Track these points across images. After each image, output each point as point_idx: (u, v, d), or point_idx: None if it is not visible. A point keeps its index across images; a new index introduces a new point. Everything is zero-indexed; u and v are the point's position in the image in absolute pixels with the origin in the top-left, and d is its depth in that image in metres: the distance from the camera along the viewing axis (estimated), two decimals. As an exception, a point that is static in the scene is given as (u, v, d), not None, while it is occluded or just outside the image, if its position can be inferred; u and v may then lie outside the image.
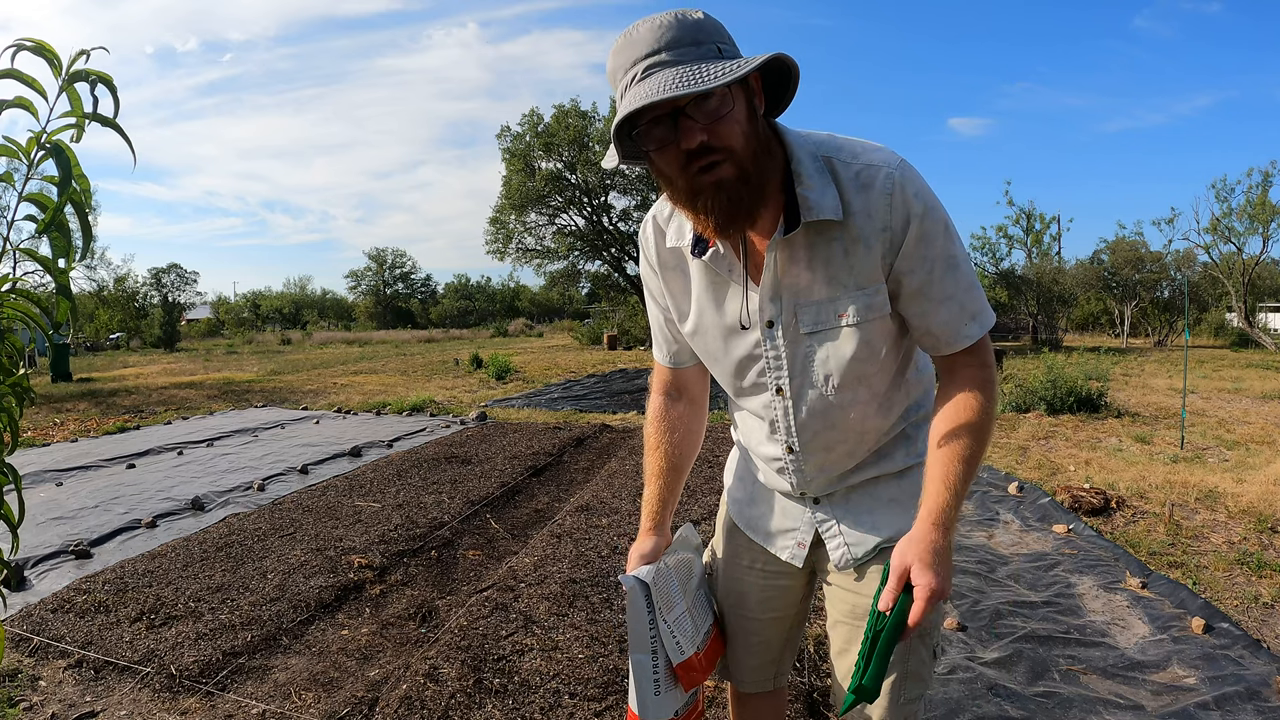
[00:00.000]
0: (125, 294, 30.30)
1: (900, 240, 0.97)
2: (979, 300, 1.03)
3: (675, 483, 1.27)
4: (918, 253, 0.98)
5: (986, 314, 1.04)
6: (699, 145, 0.88)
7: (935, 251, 0.98)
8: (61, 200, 0.90)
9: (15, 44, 0.87)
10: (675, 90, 0.82)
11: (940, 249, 0.98)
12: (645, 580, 1.12)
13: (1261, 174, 17.25)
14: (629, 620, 1.12)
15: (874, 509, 1.16)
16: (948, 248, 0.99)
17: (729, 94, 0.88)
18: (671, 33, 0.87)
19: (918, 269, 0.99)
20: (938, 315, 1.01)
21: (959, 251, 1.01)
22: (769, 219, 0.99)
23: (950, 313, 1.01)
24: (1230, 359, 14.27)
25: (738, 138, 0.89)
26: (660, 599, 1.14)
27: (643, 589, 1.12)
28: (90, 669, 2.45)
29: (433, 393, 10.22)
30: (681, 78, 0.83)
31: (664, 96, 0.82)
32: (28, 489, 4.76)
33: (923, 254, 0.98)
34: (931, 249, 0.98)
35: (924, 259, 0.98)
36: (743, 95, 0.90)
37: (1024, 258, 22.74)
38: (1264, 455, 5.34)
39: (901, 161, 0.97)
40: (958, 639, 2.59)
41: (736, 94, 0.89)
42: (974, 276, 1.03)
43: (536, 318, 58.02)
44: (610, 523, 3.79)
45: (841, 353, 1.04)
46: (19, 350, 1.05)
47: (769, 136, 0.97)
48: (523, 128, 22.14)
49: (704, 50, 0.87)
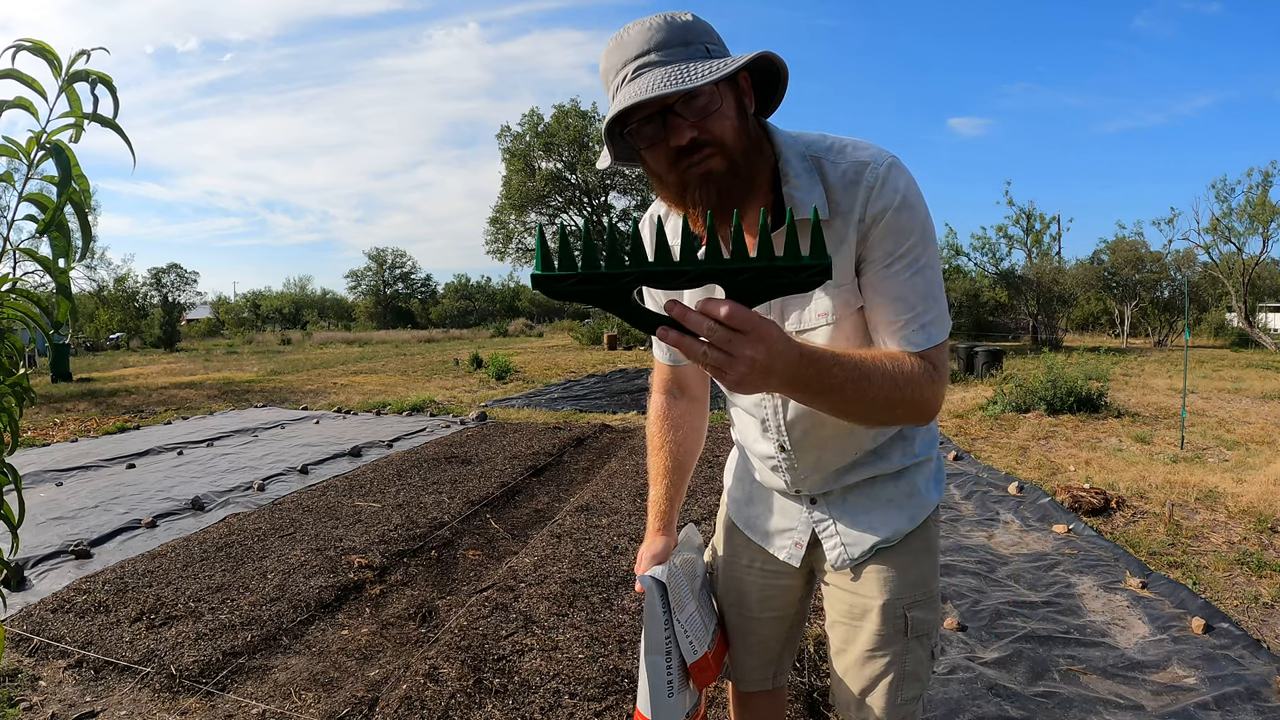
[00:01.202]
0: (125, 294, 30.31)
1: (870, 229, 0.95)
2: (936, 311, 0.96)
3: (681, 481, 1.27)
4: (883, 245, 0.95)
5: (939, 326, 0.96)
6: (688, 142, 0.89)
7: (901, 248, 0.95)
8: (61, 200, 0.90)
9: (15, 44, 0.87)
10: (664, 88, 0.83)
11: (908, 248, 0.95)
12: (661, 580, 1.12)
13: (1261, 174, 17.27)
14: (645, 622, 1.11)
15: (871, 509, 1.16)
16: (916, 249, 0.95)
17: (717, 92, 0.89)
18: (661, 34, 0.89)
19: (878, 259, 0.96)
20: (886, 311, 0.96)
21: (928, 257, 0.96)
22: (756, 217, 0.99)
23: (899, 313, 0.95)
24: (1230, 359, 14.27)
25: (728, 132, 0.90)
26: (674, 599, 1.14)
27: (659, 589, 1.11)
28: (90, 669, 2.45)
29: (433, 393, 10.22)
30: (670, 76, 0.85)
31: (653, 94, 0.84)
32: (28, 489, 4.76)
33: (887, 248, 0.95)
34: (898, 244, 0.95)
35: (887, 253, 0.95)
36: (732, 93, 0.92)
37: (1024, 258, 22.73)
38: (1264, 455, 5.34)
39: (892, 158, 0.96)
40: (958, 639, 2.59)
41: (725, 92, 0.90)
42: (938, 287, 0.97)
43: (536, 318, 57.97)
44: (610, 523, 3.79)
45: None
46: (19, 350, 1.05)
47: (759, 135, 0.97)
48: (523, 128, 22.18)
49: (693, 50, 0.89)
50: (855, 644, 1.15)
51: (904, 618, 1.13)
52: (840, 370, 0.83)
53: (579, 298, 0.72)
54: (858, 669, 1.15)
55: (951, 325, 1.03)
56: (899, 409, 0.92)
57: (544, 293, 0.71)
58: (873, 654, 1.13)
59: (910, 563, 1.15)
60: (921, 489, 1.17)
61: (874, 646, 1.13)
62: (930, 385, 0.93)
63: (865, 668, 1.14)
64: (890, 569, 1.14)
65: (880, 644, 1.13)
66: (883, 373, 0.88)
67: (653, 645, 1.11)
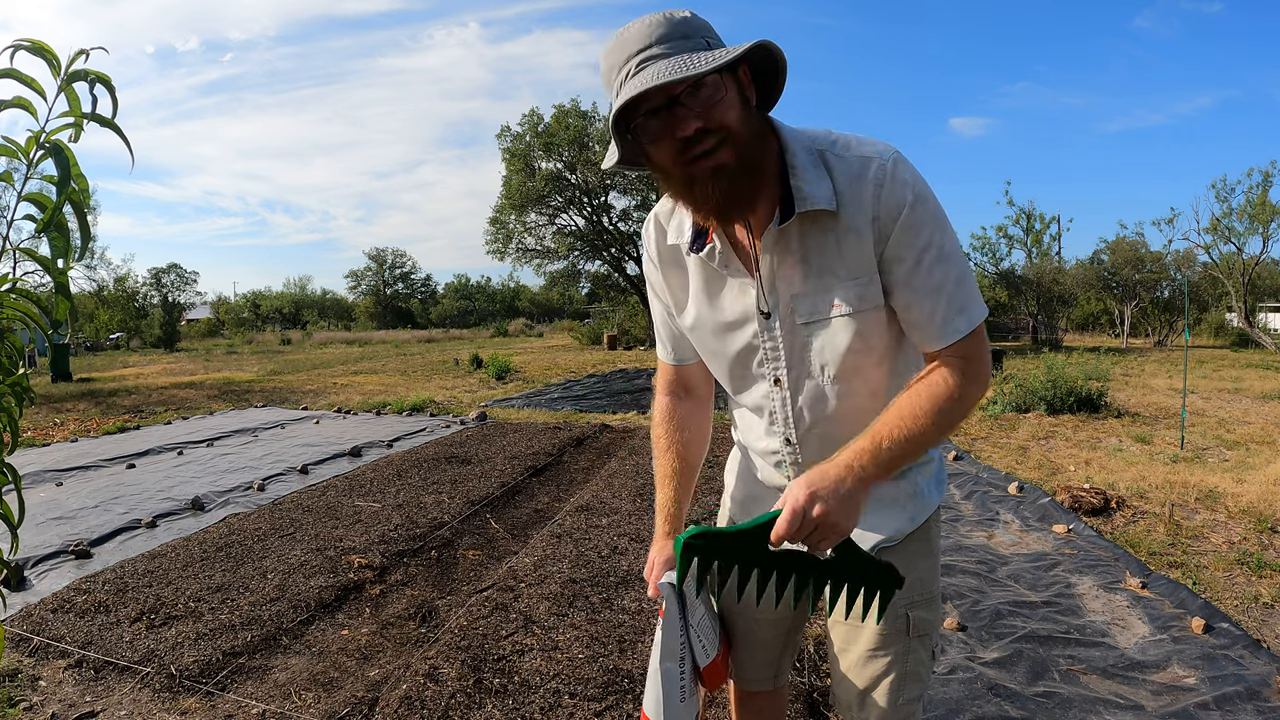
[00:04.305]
0: (125, 294, 30.30)
1: (889, 229, 0.97)
2: (969, 294, 0.99)
3: (688, 483, 1.27)
4: (906, 241, 0.97)
5: (977, 308, 1.00)
6: (695, 131, 0.89)
7: (924, 241, 0.97)
8: (60, 200, 0.90)
9: (14, 44, 0.87)
10: (670, 76, 0.85)
11: (929, 239, 0.97)
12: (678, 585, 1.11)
13: (1261, 174, 17.23)
14: (663, 628, 1.10)
15: (872, 509, 1.15)
16: (937, 238, 0.97)
17: (721, 81, 0.90)
18: (661, 29, 0.90)
19: (905, 257, 0.97)
20: (924, 307, 0.98)
21: (950, 243, 0.98)
22: (764, 211, 1.01)
23: (937, 305, 0.98)
24: (1230, 359, 14.27)
25: (734, 120, 0.91)
26: (689, 603, 1.13)
27: (677, 594, 1.11)
28: (90, 669, 2.45)
29: (433, 393, 10.22)
30: (674, 66, 0.86)
31: (658, 83, 0.85)
32: (28, 489, 4.76)
33: (910, 243, 0.97)
34: (919, 238, 0.96)
35: (912, 248, 0.97)
36: (734, 85, 0.93)
37: (1024, 258, 22.75)
38: (1264, 455, 5.34)
39: (895, 153, 0.97)
40: (958, 639, 2.59)
41: (728, 83, 0.92)
42: (966, 270, 1.00)
43: (536, 318, 58.02)
44: (610, 523, 3.79)
45: (836, 343, 1.04)
46: (19, 350, 1.05)
47: (763, 128, 0.98)
48: (523, 128, 22.15)
49: (694, 43, 0.91)
50: (856, 644, 1.15)
51: (905, 618, 1.12)
52: (893, 448, 0.94)
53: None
54: (859, 669, 1.15)
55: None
56: (959, 409, 0.98)
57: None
58: (874, 654, 1.13)
59: (911, 563, 1.14)
60: (923, 489, 1.17)
61: (875, 646, 1.13)
62: (971, 376, 0.99)
63: (866, 668, 1.14)
64: None
65: (881, 644, 1.13)
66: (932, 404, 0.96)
67: (668, 652, 1.09)
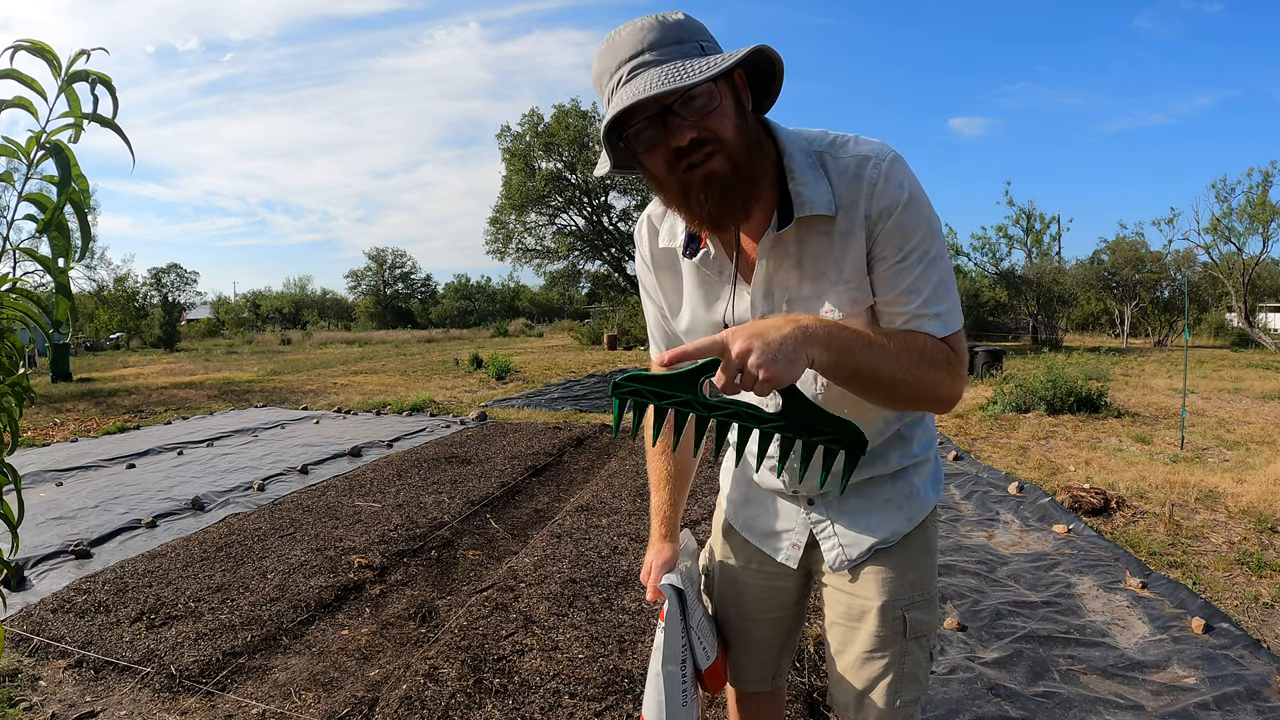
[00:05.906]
0: (125, 294, 30.30)
1: (879, 228, 0.96)
2: (948, 300, 0.98)
3: (683, 486, 1.26)
4: (894, 241, 0.96)
5: (954, 316, 0.98)
6: (689, 142, 0.87)
7: (912, 243, 0.95)
8: (61, 200, 0.90)
9: (14, 44, 0.87)
10: (662, 86, 0.82)
11: (917, 242, 0.95)
12: (680, 587, 1.11)
13: (1261, 174, 17.22)
14: (665, 631, 1.09)
15: (869, 510, 1.15)
16: (925, 242, 0.96)
17: (715, 89, 0.88)
18: (654, 34, 0.87)
19: (889, 256, 0.96)
20: (898, 304, 0.97)
21: (937, 249, 0.97)
22: (761, 216, 0.99)
23: (910, 303, 0.96)
24: (1230, 359, 14.27)
25: (728, 130, 0.89)
26: (689, 606, 1.13)
27: (679, 597, 1.10)
28: (90, 669, 2.45)
29: (433, 393, 10.21)
30: (667, 75, 0.83)
31: (651, 93, 0.82)
32: (28, 489, 4.76)
33: (899, 244, 0.96)
34: (909, 240, 0.95)
35: (898, 249, 0.96)
36: (729, 91, 0.90)
37: (1024, 258, 22.72)
38: (1264, 455, 5.34)
39: (893, 153, 0.96)
40: (958, 639, 2.59)
41: (723, 90, 0.89)
42: (950, 277, 0.99)
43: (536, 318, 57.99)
44: (610, 523, 3.79)
45: None
46: (19, 350, 1.05)
47: (759, 132, 0.96)
48: (523, 128, 22.17)
49: (687, 48, 0.87)
50: (853, 645, 1.15)
51: (902, 619, 1.12)
52: (867, 330, 0.91)
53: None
54: (856, 670, 1.15)
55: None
56: (930, 373, 0.94)
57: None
58: (871, 655, 1.13)
59: (908, 564, 1.14)
60: (919, 489, 1.17)
61: (872, 648, 1.13)
62: (949, 365, 0.96)
63: (864, 669, 1.14)
64: (888, 570, 1.13)
65: (879, 645, 1.13)
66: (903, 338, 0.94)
67: (670, 655, 1.09)
